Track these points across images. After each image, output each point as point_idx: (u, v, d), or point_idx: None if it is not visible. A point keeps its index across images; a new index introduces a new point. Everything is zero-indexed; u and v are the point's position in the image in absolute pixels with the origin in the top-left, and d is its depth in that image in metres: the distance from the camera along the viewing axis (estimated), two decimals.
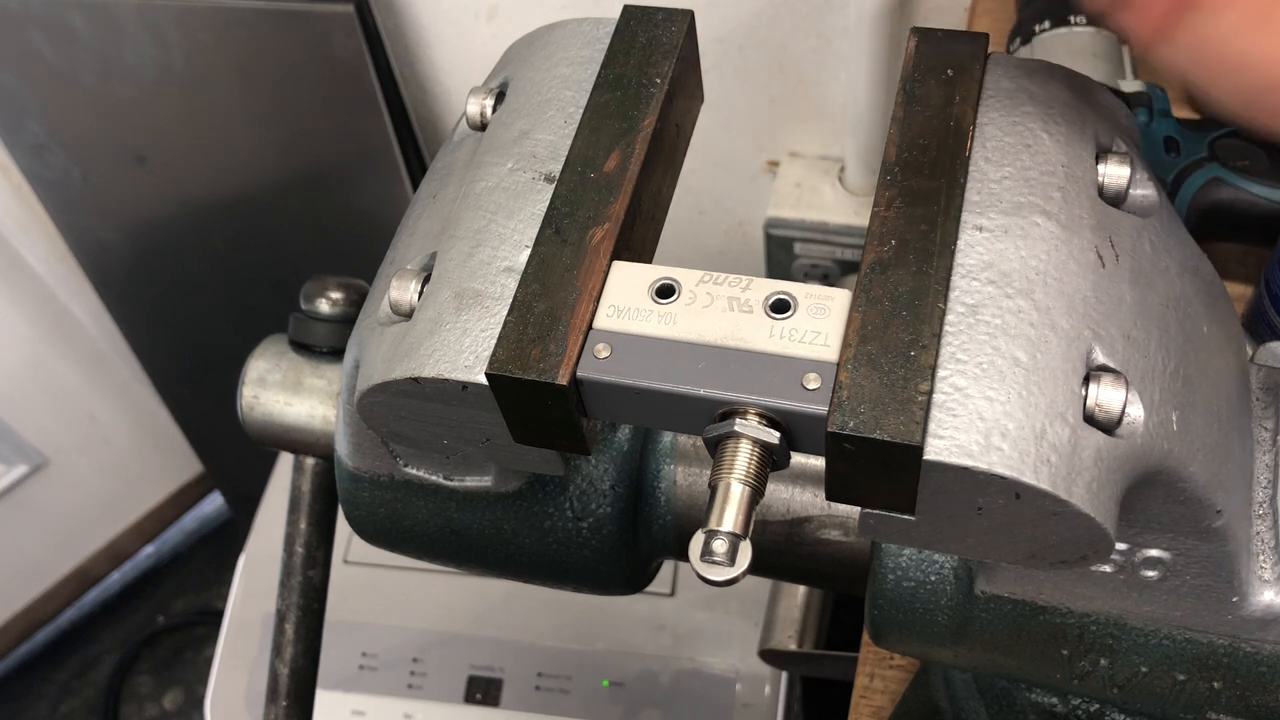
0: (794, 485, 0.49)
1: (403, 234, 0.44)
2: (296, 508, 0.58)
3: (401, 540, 0.50)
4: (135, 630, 2.01)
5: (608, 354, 0.35)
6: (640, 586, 0.52)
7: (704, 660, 1.14)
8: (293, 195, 1.40)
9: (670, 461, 0.49)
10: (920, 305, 0.34)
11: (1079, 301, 0.34)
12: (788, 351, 0.34)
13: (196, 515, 2.12)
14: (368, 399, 0.39)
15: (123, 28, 1.23)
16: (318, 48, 1.20)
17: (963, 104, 0.38)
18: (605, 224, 0.38)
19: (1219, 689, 0.42)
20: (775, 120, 1.18)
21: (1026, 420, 0.32)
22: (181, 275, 1.56)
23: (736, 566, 0.33)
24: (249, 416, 0.55)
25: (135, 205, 1.47)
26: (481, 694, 1.14)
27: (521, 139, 0.41)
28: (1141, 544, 0.39)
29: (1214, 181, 0.76)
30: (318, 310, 0.55)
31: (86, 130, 1.37)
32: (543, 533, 0.48)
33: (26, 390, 1.70)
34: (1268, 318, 0.71)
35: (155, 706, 1.94)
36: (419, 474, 0.47)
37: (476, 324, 0.36)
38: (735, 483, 0.34)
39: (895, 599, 0.44)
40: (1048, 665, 0.44)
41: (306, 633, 0.59)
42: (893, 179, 0.37)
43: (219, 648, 1.21)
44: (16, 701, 1.96)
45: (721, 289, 0.36)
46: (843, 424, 0.32)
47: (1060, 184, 0.37)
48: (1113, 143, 0.39)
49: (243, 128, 1.33)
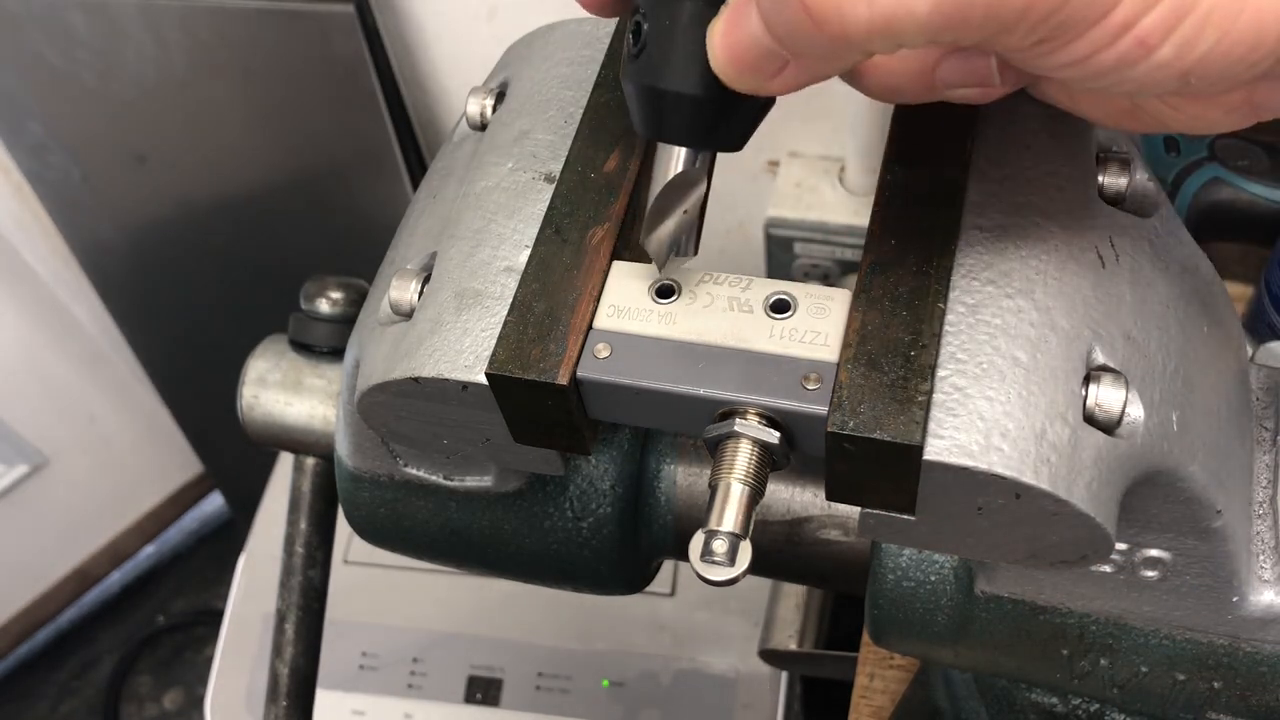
0: (794, 485, 0.49)
1: (403, 234, 0.44)
2: (296, 508, 0.58)
3: (401, 540, 0.50)
4: (135, 630, 2.01)
5: (608, 354, 0.35)
6: (640, 586, 0.52)
7: (704, 660, 1.14)
8: (293, 195, 1.40)
9: (670, 461, 0.49)
10: (920, 305, 0.34)
11: (1079, 301, 0.34)
12: (788, 351, 0.34)
13: (196, 515, 2.12)
14: (368, 399, 0.39)
15: (123, 28, 1.23)
16: (318, 48, 1.20)
17: (963, 104, 0.38)
18: (605, 224, 0.38)
19: (1219, 689, 0.42)
20: (775, 120, 1.18)
21: (1026, 420, 0.32)
22: (181, 275, 1.56)
23: (736, 566, 0.33)
24: (249, 416, 0.55)
25: (135, 205, 1.47)
26: (481, 694, 1.14)
27: (521, 139, 0.41)
28: (1141, 544, 0.39)
29: (1214, 181, 0.76)
30: (318, 310, 0.55)
31: (86, 130, 1.37)
32: (543, 533, 0.48)
33: (26, 390, 1.70)
34: (1268, 318, 0.71)
35: (155, 706, 1.94)
36: (419, 474, 0.47)
37: (476, 324, 0.36)
38: (735, 483, 0.34)
39: (895, 599, 0.44)
40: (1048, 665, 0.44)
41: (306, 633, 0.59)
42: (893, 179, 0.37)
43: (219, 648, 1.21)
44: (16, 701, 1.96)
45: (721, 289, 0.36)
46: (842, 424, 0.32)
47: (1060, 184, 0.37)
48: (1113, 143, 0.39)
49: (243, 128, 1.33)
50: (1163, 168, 0.77)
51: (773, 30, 0.28)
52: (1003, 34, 0.27)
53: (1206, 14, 0.26)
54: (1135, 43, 0.27)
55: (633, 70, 0.33)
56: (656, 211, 0.35)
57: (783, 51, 0.29)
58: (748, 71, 0.30)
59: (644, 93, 0.33)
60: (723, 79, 0.31)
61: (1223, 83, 0.28)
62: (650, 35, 0.32)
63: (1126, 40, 0.27)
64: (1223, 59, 0.27)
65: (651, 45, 0.32)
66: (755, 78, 0.30)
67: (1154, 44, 0.27)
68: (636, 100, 0.33)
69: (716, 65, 0.30)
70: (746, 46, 0.29)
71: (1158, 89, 0.28)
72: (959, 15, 0.26)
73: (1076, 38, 0.27)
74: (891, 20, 0.26)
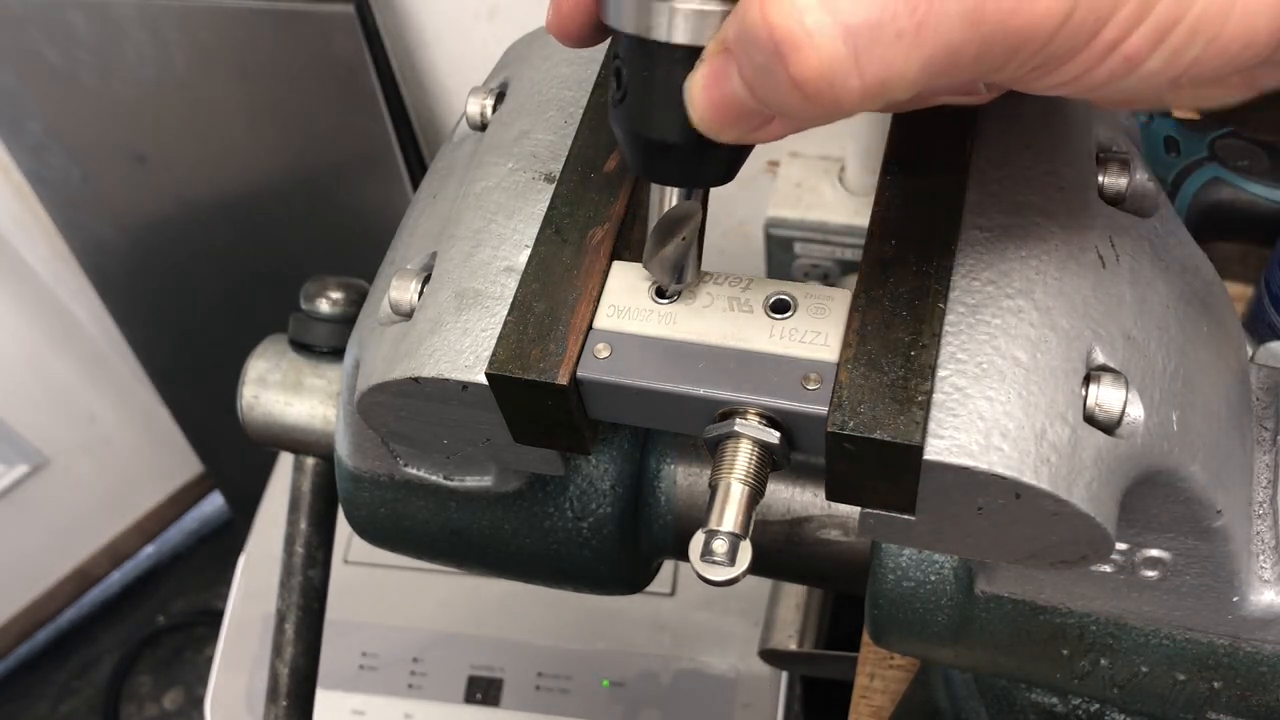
0: (794, 485, 0.49)
1: (403, 234, 0.44)
2: (296, 508, 0.58)
3: (401, 540, 0.50)
4: (135, 630, 2.01)
5: (608, 354, 0.35)
6: (640, 586, 0.52)
7: (704, 660, 1.14)
8: (293, 195, 1.40)
9: (670, 461, 0.49)
10: (920, 305, 0.34)
11: (1079, 301, 0.34)
12: (788, 351, 0.34)
13: (196, 515, 2.12)
14: (368, 399, 0.39)
15: (123, 28, 1.23)
16: (318, 48, 1.20)
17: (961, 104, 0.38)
18: (605, 224, 0.38)
19: (1219, 689, 0.42)
20: None
21: (1027, 420, 0.32)
22: (181, 275, 1.56)
23: (736, 566, 0.33)
24: (249, 416, 0.55)
25: (135, 205, 1.47)
26: (481, 694, 1.14)
27: (522, 139, 0.41)
28: (1141, 544, 0.39)
29: (1214, 181, 0.76)
30: (318, 310, 0.55)
31: (86, 130, 1.37)
32: (543, 533, 0.48)
33: (26, 390, 1.70)
34: (1268, 318, 0.71)
35: (155, 706, 1.94)
36: (419, 474, 0.47)
37: (476, 324, 0.36)
38: (735, 483, 0.34)
39: (895, 599, 0.44)
40: (1048, 665, 0.44)
41: (306, 633, 0.59)
42: (893, 179, 0.37)
43: (219, 648, 1.21)
44: (16, 701, 1.96)
45: (721, 289, 0.36)
46: (842, 424, 0.32)
47: (1060, 184, 0.37)
48: (1113, 143, 0.39)
49: (243, 128, 1.33)
50: (1163, 168, 0.77)
51: (757, 95, 0.27)
52: (993, 72, 0.27)
53: (1194, 23, 0.26)
54: (1123, 59, 0.27)
55: (616, 115, 0.33)
56: (655, 241, 0.35)
57: (767, 110, 0.28)
58: (730, 126, 0.29)
59: (629, 137, 0.33)
60: (704, 132, 0.30)
61: (1216, 78, 0.28)
62: (629, 83, 0.32)
63: (1115, 58, 0.27)
64: (1214, 61, 0.27)
65: (632, 93, 0.32)
66: (738, 131, 0.29)
67: (1142, 57, 0.27)
68: (623, 143, 0.33)
69: (697, 120, 0.29)
70: (729, 104, 0.28)
71: (1152, 93, 0.28)
72: (950, 66, 0.26)
73: (1066, 62, 0.27)
74: (884, 86, 0.26)
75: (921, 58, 0.25)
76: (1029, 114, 0.38)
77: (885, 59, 0.25)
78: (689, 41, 0.29)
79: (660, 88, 0.31)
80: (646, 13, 0.30)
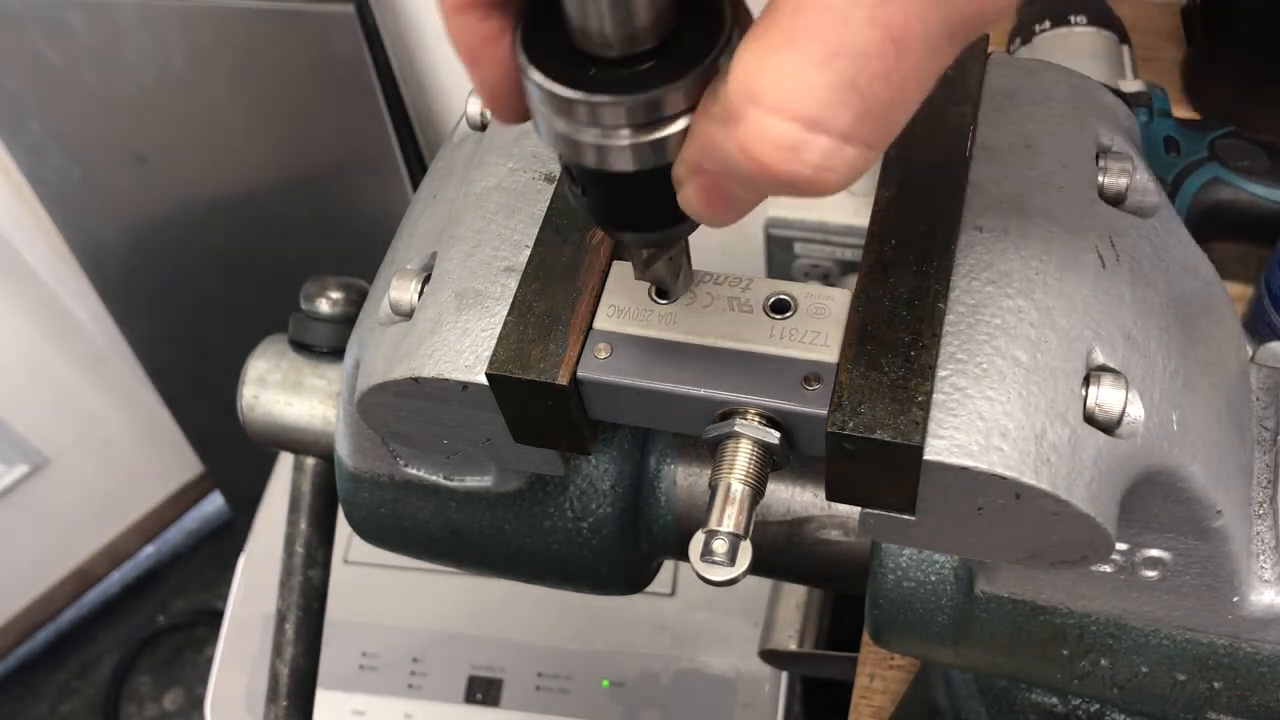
0: (794, 485, 0.49)
1: (403, 234, 0.44)
2: (296, 508, 0.58)
3: (401, 540, 0.50)
4: (135, 630, 2.01)
5: (608, 354, 0.35)
6: (641, 586, 0.52)
7: (704, 660, 1.14)
8: (293, 195, 1.40)
9: (670, 461, 0.49)
10: (920, 305, 0.34)
11: (1079, 301, 0.34)
12: (788, 352, 0.34)
13: (196, 515, 2.12)
14: (368, 399, 0.39)
15: (123, 28, 1.23)
16: (318, 48, 1.20)
17: (963, 104, 0.38)
18: None
19: (1219, 689, 0.42)
20: None
21: (1027, 420, 0.32)
22: (181, 275, 1.56)
23: (736, 566, 0.33)
24: (249, 416, 0.55)
25: (135, 205, 1.47)
26: (481, 694, 1.14)
27: (522, 139, 0.41)
28: (1141, 544, 0.39)
29: (1214, 181, 0.76)
30: (318, 310, 0.55)
31: (86, 130, 1.37)
32: (543, 533, 0.48)
33: (26, 390, 1.70)
34: (1268, 318, 0.71)
35: (155, 706, 1.94)
36: (419, 474, 0.47)
37: (476, 324, 0.36)
38: (735, 483, 0.34)
39: (895, 599, 0.44)
40: (1048, 665, 0.44)
41: (306, 633, 0.59)
42: (893, 179, 0.37)
43: (219, 648, 1.21)
44: (16, 702, 1.96)
45: (721, 289, 0.36)
46: (842, 424, 0.32)
47: (1060, 184, 0.37)
48: (1113, 143, 0.39)
49: (243, 128, 1.33)
50: (1163, 168, 0.77)
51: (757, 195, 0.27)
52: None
53: None
54: None
55: (581, 207, 0.31)
56: (643, 261, 0.34)
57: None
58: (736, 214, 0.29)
59: (597, 222, 0.32)
60: (707, 225, 0.30)
61: None
62: (588, 188, 0.30)
63: None
64: None
65: (592, 198, 0.31)
66: (734, 216, 0.29)
67: None
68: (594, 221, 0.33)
69: (701, 220, 0.29)
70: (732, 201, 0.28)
71: None
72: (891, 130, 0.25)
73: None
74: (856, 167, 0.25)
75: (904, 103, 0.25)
76: (1029, 114, 0.38)
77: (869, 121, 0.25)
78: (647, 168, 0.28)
79: (624, 197, 0.30)
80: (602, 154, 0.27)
